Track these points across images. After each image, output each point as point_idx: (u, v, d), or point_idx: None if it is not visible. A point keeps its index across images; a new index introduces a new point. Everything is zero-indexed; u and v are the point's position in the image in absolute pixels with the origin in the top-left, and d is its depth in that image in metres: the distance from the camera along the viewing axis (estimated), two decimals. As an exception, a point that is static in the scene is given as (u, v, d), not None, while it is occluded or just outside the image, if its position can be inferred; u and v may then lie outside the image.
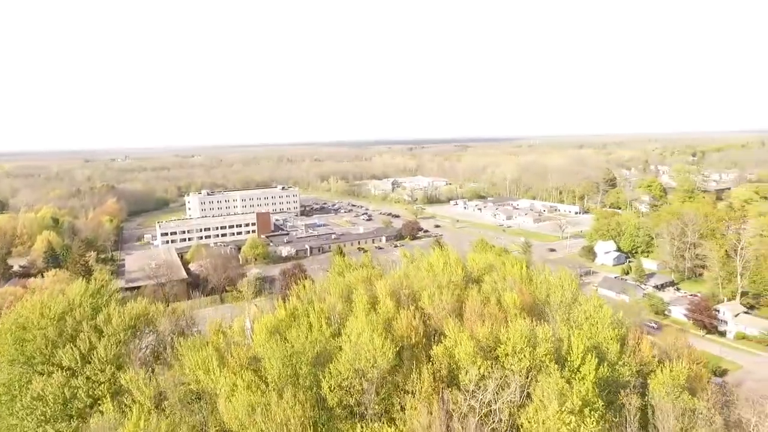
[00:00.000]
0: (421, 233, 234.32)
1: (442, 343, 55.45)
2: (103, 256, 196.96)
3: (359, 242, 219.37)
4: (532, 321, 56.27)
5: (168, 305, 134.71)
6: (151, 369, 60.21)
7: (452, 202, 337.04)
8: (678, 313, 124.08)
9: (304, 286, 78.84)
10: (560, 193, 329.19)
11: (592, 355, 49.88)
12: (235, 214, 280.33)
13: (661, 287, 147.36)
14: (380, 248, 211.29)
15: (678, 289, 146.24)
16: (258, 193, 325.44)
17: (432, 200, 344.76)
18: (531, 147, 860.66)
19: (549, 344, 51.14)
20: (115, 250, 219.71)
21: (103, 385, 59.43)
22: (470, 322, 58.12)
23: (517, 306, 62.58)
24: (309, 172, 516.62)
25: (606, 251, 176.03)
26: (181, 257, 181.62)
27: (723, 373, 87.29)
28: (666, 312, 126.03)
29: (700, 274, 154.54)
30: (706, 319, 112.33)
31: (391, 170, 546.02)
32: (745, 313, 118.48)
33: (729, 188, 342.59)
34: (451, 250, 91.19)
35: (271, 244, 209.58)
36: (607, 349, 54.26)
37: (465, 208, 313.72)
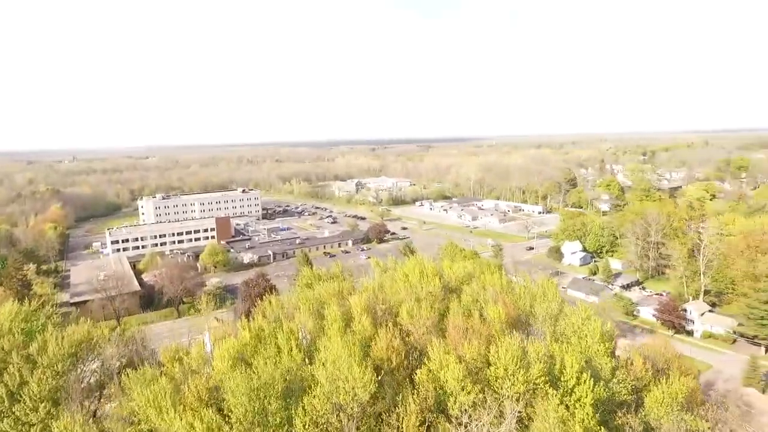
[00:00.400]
0: (388, 236, 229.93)
1: (425, 365, 50.66)
2: (45, 267, 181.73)
3: (325, 246, 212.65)
4: (520, 337, 52.44)
5: (119, 321, 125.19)
6: (94, 407, 52.44)
7: (418, 203, 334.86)
8: (647, 313, 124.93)
9: (270, 302, 72.31)
10: (523, 193, 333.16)
11: (587, 375, 46.40)
12: (192, 219, 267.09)
13: (627, 287, 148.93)
14: (347, 252, 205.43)
15: (643, 288, 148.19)
16: (217, 196, 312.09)
17: (397, 201, 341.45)
18: (491, 147, 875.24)
19: (542, 364, 47.33)
20: (60, 260, 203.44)
21: (35, 428, 51.24)
22: (454, 340, 53.65)
23: (502, 320, 58.72)
24: (270, 173, 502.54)
25: (573, 252, 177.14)
26: (134, 267, 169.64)
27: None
28: (635, 312, 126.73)
29: (663, 273, 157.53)
30: (675, 320, 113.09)
31: (355, 171, 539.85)
32: (710, 311, 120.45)
33: (680, 186, 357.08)
34: (426, 258, 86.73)
35: (231, 250, 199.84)
36: (600, 366, 51.15)
37: (431, 209, 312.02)
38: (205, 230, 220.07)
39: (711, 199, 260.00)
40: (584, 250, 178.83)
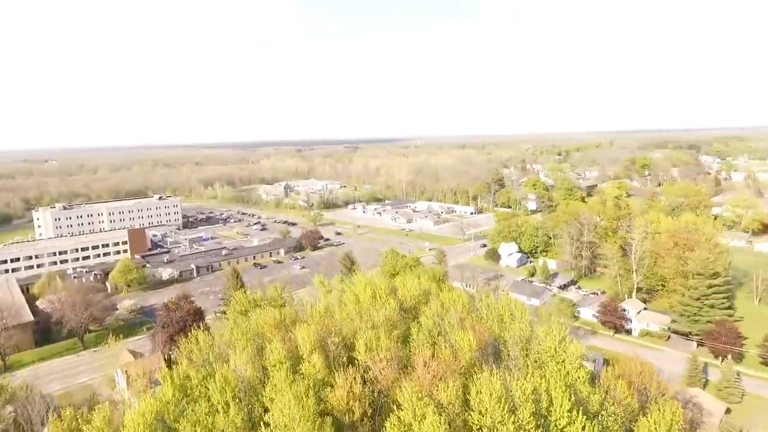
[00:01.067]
0: (322, 242, 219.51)
1: (395, 413, 42.68)
2: None
3: (255, 257, 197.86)
4: (498, 372, 46.07)
5: (4, 363, 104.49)
6: None
7: (350, 206, 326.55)
8: (587, 313, 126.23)
9: (197, 339, 60.57)
10: (455, 194, 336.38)
11: (579, 413, 41.01)
12: (101, 231, 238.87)
13: (564, 287, 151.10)
14: (279, 262, 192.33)
15: (579, 288, 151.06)
16: (129, 204, 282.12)
17: (329, 205, 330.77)
18: (418, 148, 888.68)
19: (530, 403, 41.24)
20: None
21: None
22: (424, 380, 46.17)
23: (473, 347, 52.27)
24: (190, 177, 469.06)
25: (509, 253, 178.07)
26: (27, 292, 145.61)
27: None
28: (575, 314, 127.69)
29: (595, 270, 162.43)
30: (617, 321, 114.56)
31: (282, 173, 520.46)
32: (645, 309, 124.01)
33: (596, 185, 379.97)
34: (376, 274, 78.70)
35: (148, 265, 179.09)
36: (586, 396, 46.24)
37: (364, 212, 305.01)
38: (116, 244, 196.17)
39: (627, 197, 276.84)
40: (520, 251, 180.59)
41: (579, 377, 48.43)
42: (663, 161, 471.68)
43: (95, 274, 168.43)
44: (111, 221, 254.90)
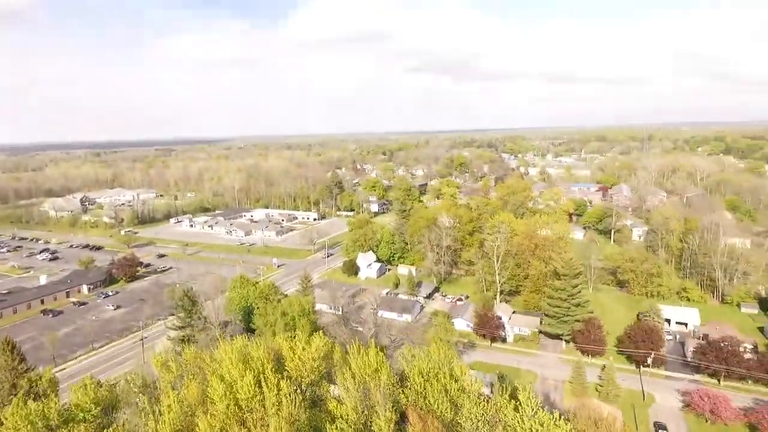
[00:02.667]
0: (142, 270, 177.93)
1: None
2: None
3: (43, 300, 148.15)
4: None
5: None
6: None
7: (173, 220, 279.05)
8: (461, 324, 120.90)
9: None
10: (294, 199, 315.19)
11: None
12: None
13: (430, 296, 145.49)
14: (83, 304, 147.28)
15: (445, 295, 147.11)
16: None
17: (145, 220, 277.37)
18: (242, 149, 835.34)
19: None
20: None
21: None
22: None
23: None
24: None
25: (368, 264, 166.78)
26: None
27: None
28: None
29: (451, 273, 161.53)
30: (495, 332, 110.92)
31: (77, 183, 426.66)
32: (514, 313, 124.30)
33: (425, 183, 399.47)
34: (250, 342, 55.66)
35: None
36: None
37: (192, 226, 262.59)
38: None
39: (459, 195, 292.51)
40: (378, 260, 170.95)
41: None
42: (476, 159, 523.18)
43: None
44: None
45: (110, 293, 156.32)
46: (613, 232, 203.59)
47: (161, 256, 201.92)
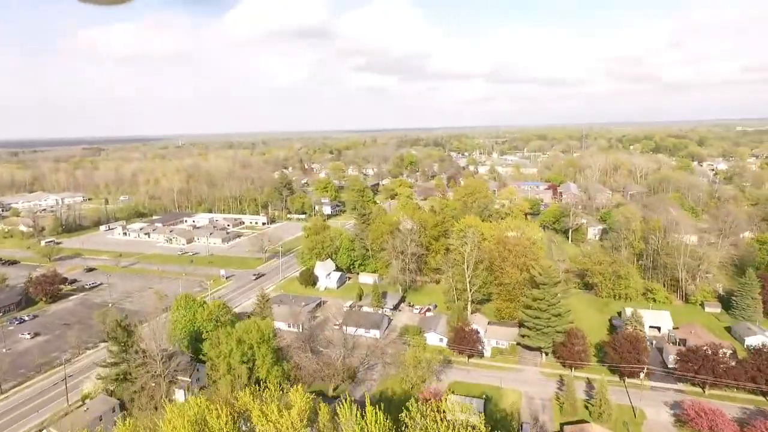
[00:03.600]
0: (66, 287, 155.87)
1: None
2: None
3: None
4: None
5: None
6: None
7: (104, 228, 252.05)
8: (434, 338, 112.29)
9: None
10: (240, 202, 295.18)
11: None
12: None
13: (396, 307, 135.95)
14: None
15: (411, 305, 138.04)
16: None
17: (71, 228, 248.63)
18: (181, 148, 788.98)
19: None
20: None
21: None
22: None
23: None
24: None
25: (327, 273, 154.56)
26: None
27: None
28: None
29: (415, 281, 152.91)
30: (474, 348, 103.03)
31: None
32: (489, 323, 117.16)
33: (377, 183, 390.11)
34: (215, 410, 42.84)
35: None
36: None
37: (126, 234, 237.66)
38: None
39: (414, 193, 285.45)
40: (338, 268, 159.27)
41: None
42: (425, 158, 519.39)
43: None
44: None
45: (26, 318, 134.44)
46: (570, 232, 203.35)
47: (90, 270, 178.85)
